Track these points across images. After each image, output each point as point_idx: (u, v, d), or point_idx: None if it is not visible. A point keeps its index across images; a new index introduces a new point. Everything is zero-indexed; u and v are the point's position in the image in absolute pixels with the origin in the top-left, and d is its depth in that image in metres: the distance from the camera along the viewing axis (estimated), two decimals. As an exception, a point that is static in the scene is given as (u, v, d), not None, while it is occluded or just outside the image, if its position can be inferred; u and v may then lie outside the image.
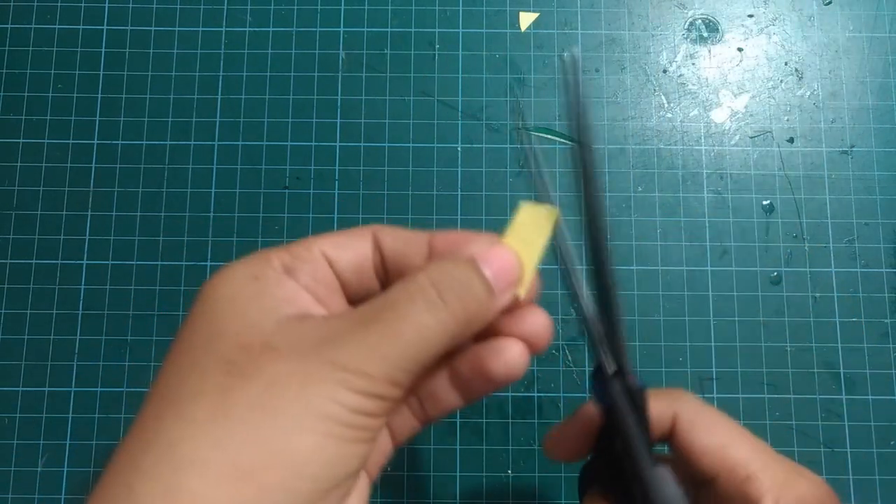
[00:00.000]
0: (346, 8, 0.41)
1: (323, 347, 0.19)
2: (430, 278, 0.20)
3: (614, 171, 0.40)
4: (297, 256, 0.22)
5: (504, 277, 0.21)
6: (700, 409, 0.25)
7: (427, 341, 0.20)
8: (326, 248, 0.23)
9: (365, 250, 0.23)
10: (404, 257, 0.23)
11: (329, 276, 0.23)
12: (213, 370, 0.19)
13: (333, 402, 0.18)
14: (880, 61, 0.41)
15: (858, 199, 0.39)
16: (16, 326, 0.38)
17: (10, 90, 0.40)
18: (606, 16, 0.42)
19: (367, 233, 0.23)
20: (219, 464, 0.17)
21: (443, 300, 0.20)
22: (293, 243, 0.22)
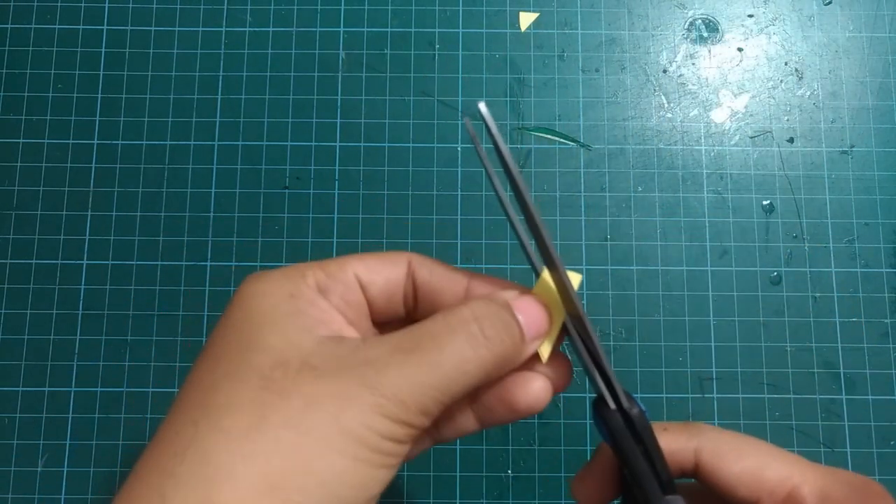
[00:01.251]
0: (346, 8, 0.41)
1: (361, 371, 0.19)
2: (475, 313, 0.21)
3: (614, 171, 0.40)
4: (331, 276, 0.22)
5: (535, 326, 0.22)
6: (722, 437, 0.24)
7: (464, 375, 0.20)
8: (360, 272, 0.23)
9: (398, 277, 0.23)
10: (439, 293, 0.23)
11: (359, 300, 0.23)
12: (249, 383, 0.19)
13: (367, 427, 0.19)
14: (880, 61, 0.41)
15: (858, 199, 0.39)
16: (16, 326, 0.38)
17: (10, 90, 0.40)
18: (606, 16, 0.42)
19: (402, 260, 0.23)
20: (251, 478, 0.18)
21: (484, 336, 0.20)
22: (328, 261, 0.23)
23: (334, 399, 0.19)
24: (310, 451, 0.18)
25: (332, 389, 0.19)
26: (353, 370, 0.19)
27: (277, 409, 0.19)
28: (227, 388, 0.19)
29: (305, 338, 0.20)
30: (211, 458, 0.18)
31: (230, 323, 0.21)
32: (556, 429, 0.37)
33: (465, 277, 0.23)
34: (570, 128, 0.40)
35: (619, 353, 0.38)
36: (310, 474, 0.18)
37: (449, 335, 0.20)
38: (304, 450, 0.18)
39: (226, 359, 0.20)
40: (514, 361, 0.22)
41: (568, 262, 0.39)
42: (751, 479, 0.23)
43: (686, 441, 0.24)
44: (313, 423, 0.18)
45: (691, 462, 0.24)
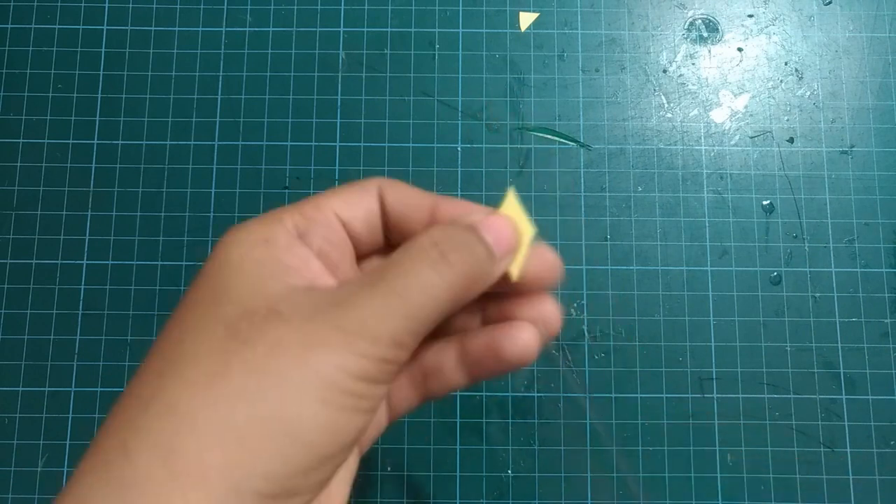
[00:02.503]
0: (346, 8, 0.41)
1: (328, 313, 0.19)
2: (433, 239, 0.20)
3: (614, 171, 0.40)
4: (309, 218, 0.22)
5: (503, 244, 0.22)
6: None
7: (433, 300, 0.20)
8: (339, 208, 0.22)
9: (373, 206, 0.23)
10: (406, 218, 0.23)
11: (342, 238, 0.23)
12: (215, 332, 0.19)
13: (336, 368, 0.18)
14: (880, 61, 0.41)
15: (858, 199, 0.39)
16: (16, 326, 0.38)
17: (10, 90, 0.40)
18: (606, 16, 0.42)
19: (373, 187, 0.23)
20: (214, 426, 0.17)
21: (446, 259, 0.20)
22: (305, 203, 0.22)
23: (301, 343, 0.18)
24: (275, 397, 0.18)
25: (299, 334, 0.19)
26: (320, 314, 0.19)
27: (241, 356, 0.18)
28: (193, 339, 0.19)
29: (275, 285, 0.20)
30: (174, 407, 0.18)
31: (203, 273, 0.21)
32: (556, 429, 0.37)
33: (432, 200, 0.23)
34: (570, 128, 0.40)
35: (619, 353, 0.38)
36: (276, 420, 0.18)
37: (411, 263, 0.20)
38: (270, 395, 0.18)
39: (194, 310, 0.20)
40: (486, 279, 0.21)
41: (568, 261, 0.39)
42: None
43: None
44: (280, 368, 0.18)
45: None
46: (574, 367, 0.38)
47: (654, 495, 0.37)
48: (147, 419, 0.18)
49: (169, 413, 0.18)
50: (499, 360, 0.22)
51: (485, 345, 0.23)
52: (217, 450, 0.17)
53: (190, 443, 0.17)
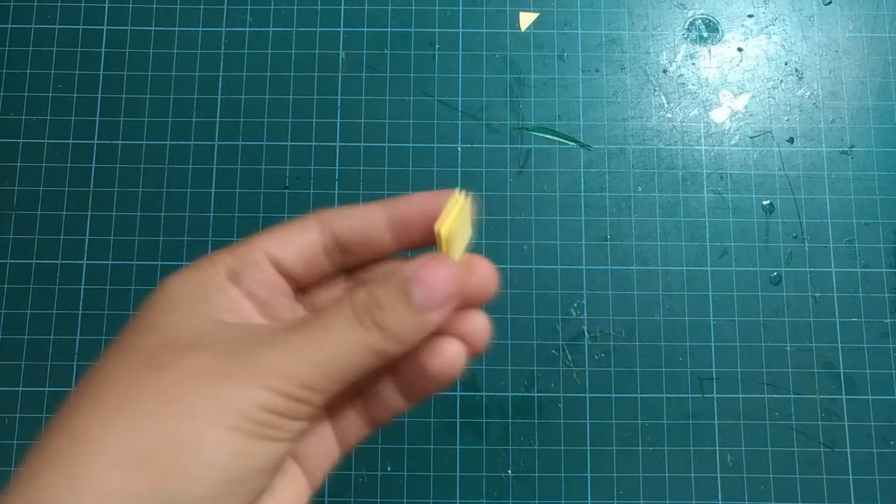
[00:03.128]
0: (346, 8, 0.41)
1: (246, 348, 0.20)
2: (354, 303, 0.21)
3: (614, 171, 0.40)
4: (241, 259, 0.22)
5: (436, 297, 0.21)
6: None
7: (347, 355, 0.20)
8: (270, 248, 0.23)
9: (311, 241, 0.23)
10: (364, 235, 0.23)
11: (273, 278, 0.23)
12: (134, 362, 0.19)
13: (246, 398, 0.19)
14: (880, 61, 0.41)
15: (858, 199, 0.39)
16: (16, 326, 0.38)
17: (10, 90, 0.40)
18: (606, 16, 0.42)
19: (311, 222, 0.23)
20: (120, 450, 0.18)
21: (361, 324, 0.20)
22: (239, 244, 0.23)
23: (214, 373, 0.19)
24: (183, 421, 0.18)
25: (214, 364, 0.19)
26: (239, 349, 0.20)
27: (152, 383, 0.19)
28: (112, 367, 0.20)
29: (200, 321, 0.20)
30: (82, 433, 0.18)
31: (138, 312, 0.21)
32: (556, 429, 0.37)
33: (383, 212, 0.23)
34: (570, 128, 0.40)
35: (619, 353, 0.38)
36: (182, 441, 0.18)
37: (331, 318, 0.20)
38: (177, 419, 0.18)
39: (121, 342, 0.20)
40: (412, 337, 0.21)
41: (568, 261, 0.39)
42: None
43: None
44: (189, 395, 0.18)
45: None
46: (574, 368, 0.38)
47: (655, 495, 0.37)
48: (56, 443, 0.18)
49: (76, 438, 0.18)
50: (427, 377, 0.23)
51: (411, 364, 0.23)
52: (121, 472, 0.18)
53: (94, 466, 0.18)
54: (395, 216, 0.23)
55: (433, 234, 0.23)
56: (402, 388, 0.24)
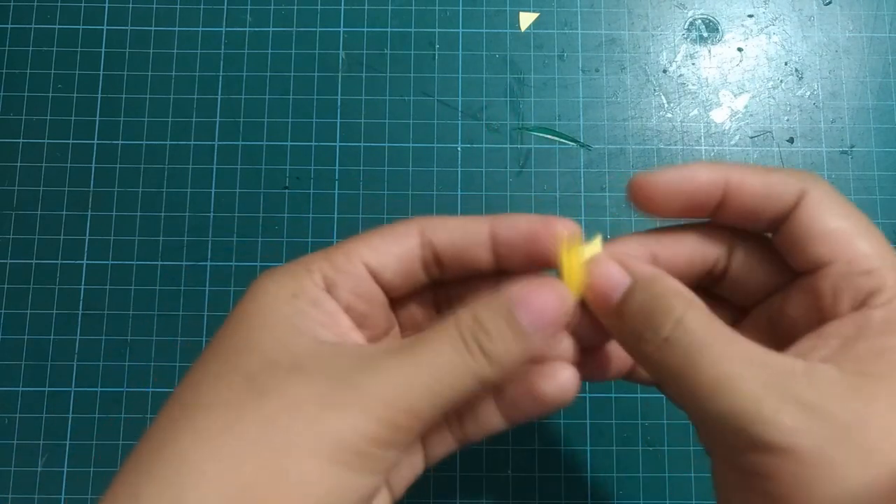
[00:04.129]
0: (346, 8, 0.41)
1: (351, 375, 0.19)
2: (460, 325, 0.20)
3: (614, 171, 0.40)
4: (338, 269, 0.21)
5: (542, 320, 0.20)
6: (832, 192, 0.21)
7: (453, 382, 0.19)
8: (369, 258, 0.22)
9: (410, 252, 0.22)
10: (464, 250, 0.22)
11: (371, 290, 0.22)
12: (232, 382, 0.19)
13: (351, 429, 0.18)
14: (880, 61, 0.41)
15: (858, 199, 0.39)
16: (16, 326, 0.38)
17: (10, 90, 0.40)
18: (606, 16, 0.42)
19: (412, 231, 0.22)
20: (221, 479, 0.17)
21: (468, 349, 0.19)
22: (336, 251, 0.22)
23: (316, 401, 0.18)
24: (284, 453, 0.18)
25: (316, 391, 0.18)
26: (342, 374, 0.19)
27: (254, 409, 0.18)
28: (209, 387, 0.19)
29: (300, 341, 0.20)
30: (184, 457, 0.18)
31: (230, 323, 0.21)
32: (557, 429, 0.37)
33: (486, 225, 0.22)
34: (570, 128, 0.40)
35: (619, 353, 0.38)
36: (282, 476, 0.17)
37: (440, 344, 0.19)
38: (279, 451, 0.18)
39: (216, 359, 0.20)
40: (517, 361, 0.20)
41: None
42: (839, 238, 0.20)
43: (795, 182, 0.21)
44: (293, 424, 0.18)
45: (791, 203, 0.21)
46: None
47: (654, 495, 0.37)
48: (158, 467, 0.18)
49: (179, 462, 0.18)
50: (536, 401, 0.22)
51: (522, 388, 0.22)
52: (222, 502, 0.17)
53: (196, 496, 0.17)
54: (499, 235, 0.22)
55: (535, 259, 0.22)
56: (504, 410, 0.23)
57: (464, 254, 0.22)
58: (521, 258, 0.22)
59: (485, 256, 0.22)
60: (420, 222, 0.22)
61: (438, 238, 0.22)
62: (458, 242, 0.22)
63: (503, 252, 0.22)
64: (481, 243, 0.22)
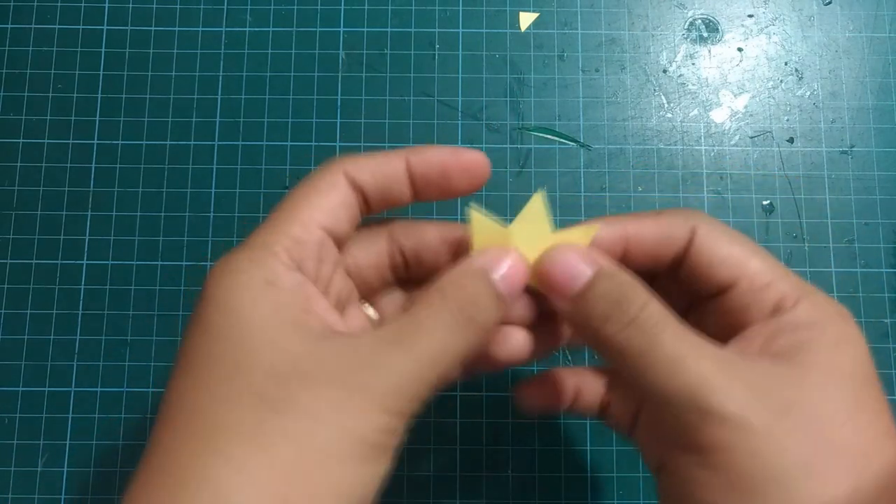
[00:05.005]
0: (346, 8, 0.41)
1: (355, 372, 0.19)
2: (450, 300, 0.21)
3: (614, 171, 0.40)
4: (300, 241, 0.22)
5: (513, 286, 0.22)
6: (718, 223, 0.24)
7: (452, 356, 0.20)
8: (322, 220, 0.22)
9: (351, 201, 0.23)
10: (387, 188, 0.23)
11: (332, 252, 0.23)
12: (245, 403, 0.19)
13: (366, 426, 0.19)
14: (880, 61, 0.41)
15: (858, 199, 0.39)
16: (16, 326, 0.38)
17: (10, 90, 0.40)
18: (606, 16, 0.42)
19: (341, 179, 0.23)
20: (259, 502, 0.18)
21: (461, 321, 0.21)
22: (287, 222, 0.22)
23: (331, 406, 0.19)
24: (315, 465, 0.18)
25: (328, 395, 0.19)
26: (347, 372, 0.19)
27: (276, 427, 0.18)
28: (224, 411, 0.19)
29: (294, 340, 0.20)
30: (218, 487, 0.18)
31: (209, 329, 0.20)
32: (557, 429, 0.37)
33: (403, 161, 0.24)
34: (570, 128, 0.40)
35: (619, 353, 0.38)
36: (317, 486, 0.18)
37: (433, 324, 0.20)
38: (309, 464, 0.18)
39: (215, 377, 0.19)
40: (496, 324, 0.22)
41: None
42: (736, 262, 0.23)
43: (684, 221, 0.24)
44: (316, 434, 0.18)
45: (685, 241, 0.24)
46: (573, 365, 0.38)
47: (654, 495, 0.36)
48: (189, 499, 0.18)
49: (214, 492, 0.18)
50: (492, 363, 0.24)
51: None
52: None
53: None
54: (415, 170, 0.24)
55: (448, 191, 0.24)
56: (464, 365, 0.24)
57: (387, 190, 0.24)
58: (436, 191, 0.24)
59: (405, 190, 0.24)
60: (341, 167, 0.23)
61: (362, 177, 0.23)
62: (380, 179, 0.23)
63: (420, 186, 0.24)
64: (401, 177, 0.24)
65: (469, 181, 0.24)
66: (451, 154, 0.24)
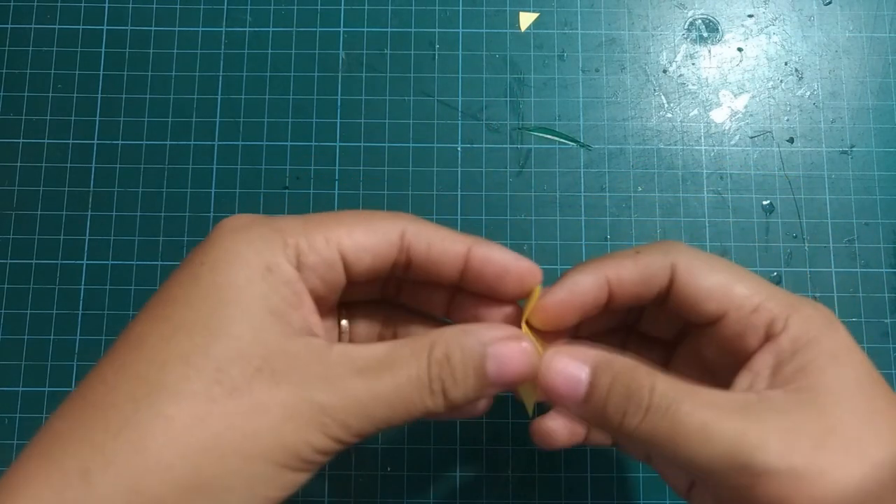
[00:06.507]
0: (346, 8, 0.41)
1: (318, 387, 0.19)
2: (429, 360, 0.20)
3: (614, 171, 0.40)
4: (314, 250, 0.21)
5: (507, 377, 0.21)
6: (694, 253, 0.24)
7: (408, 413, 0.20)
8: (346, 247, 0.22)
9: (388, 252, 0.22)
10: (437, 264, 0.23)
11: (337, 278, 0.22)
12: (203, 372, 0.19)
13: (304, 442, 0.19)
14: (880, 61, 0.41)
15: (858, 199, 0.39)
16: (16, 326, 0.38)
17: (10, 90, 0.40)
18: (606, 16, 0.42)
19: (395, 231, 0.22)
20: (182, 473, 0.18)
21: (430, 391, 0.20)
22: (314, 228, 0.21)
23: (283, 410, 0.19)
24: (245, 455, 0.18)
25: (284, 399, 0.19)
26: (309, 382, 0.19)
27: (224, 408, 0.18)
28: (179, 372, 0.18)
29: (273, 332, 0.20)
30: (147, 444, 0.18)
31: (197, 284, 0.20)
32: (556, 429, 0.37)
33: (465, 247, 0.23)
34: (570, 128, 0.40)
35: (619, 353, 0.38)
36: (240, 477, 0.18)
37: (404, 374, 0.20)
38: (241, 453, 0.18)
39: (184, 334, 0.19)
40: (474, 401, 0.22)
41: (568, 261, 0.39)
42: (721, 293, 0.23)
43: (663, 258, 0.24)
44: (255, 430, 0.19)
45: (667, 279, 0.23)
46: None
47: (654, 495, 0.37)
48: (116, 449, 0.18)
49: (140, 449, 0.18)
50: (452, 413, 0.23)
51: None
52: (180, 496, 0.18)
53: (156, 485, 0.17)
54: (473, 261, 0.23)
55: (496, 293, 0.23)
56: None
57: (435, 267, 0.23)
58: (485, 287, 0.24)
59: (453, 275, 0.23)
60: (403, 223, 0.23)
61: (418, 245, 0.23)
62: (435, 256, 0.23)
63: (470, 277, 0.23)
64: (455, 263, 0.23)
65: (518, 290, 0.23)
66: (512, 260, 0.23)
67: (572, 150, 0.40)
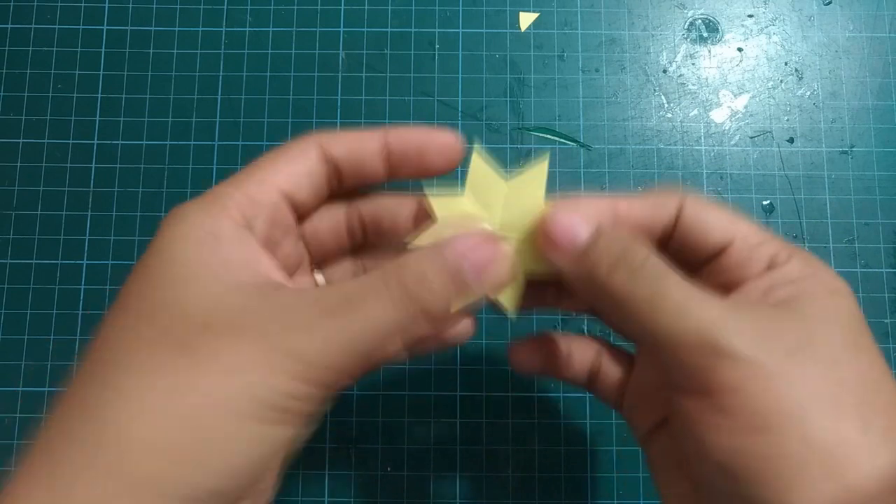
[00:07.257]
0: (346, 8, 0.41)
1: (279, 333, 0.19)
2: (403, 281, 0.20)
3: (614, 171, 0.40)
4: (254, 200, 0.22)
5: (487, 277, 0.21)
6: (703, 196, 0.25)
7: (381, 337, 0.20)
8: (282, 183, 0.22)
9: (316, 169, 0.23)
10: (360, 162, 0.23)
11: (285, 216, 0.23)
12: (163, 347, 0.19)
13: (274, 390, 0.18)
14: (880, 61, 0.41)
15: (858, 199, 0.39)
16: (16, 326, 0.38)
17: (10, 90, 0.40)
18: (606, 16, 0.42)
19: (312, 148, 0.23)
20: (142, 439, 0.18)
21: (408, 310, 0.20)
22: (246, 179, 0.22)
23: (248, 363, 0.18)
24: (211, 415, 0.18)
25: (248, 351, 0.18)
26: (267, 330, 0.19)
27: (187, 376, 0.18)
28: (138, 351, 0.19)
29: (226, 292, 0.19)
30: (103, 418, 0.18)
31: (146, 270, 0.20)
32: (556, 429, 0.37)
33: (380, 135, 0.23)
34: (570, 128, 0.40)
35: (619, 353, 0.38)
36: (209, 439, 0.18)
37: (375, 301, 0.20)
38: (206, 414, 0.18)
39: (135, 312, 0.19)
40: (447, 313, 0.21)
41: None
42: (728, 226, 0.24)
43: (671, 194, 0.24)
44: (221, 390, 0.18)
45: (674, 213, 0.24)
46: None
47: (654, 495, 0.36)
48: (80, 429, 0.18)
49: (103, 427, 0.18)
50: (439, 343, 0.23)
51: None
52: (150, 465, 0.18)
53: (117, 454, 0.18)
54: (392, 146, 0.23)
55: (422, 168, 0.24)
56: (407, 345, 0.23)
57: (360, 165, 0.24)
58: (411, 169, 0.24)
59: (379, 167, 0.24)
60: (316, 139, 0.23)
61: (337, 151, 0.23)
62: (356, 155, 0.23)
63: (396, 163, 0.24)
64: (375, 154, 0.24)
65: (444, 161, 0.24)
66: (427, 133, 0.24)
67: (572, 150, 0.40)
